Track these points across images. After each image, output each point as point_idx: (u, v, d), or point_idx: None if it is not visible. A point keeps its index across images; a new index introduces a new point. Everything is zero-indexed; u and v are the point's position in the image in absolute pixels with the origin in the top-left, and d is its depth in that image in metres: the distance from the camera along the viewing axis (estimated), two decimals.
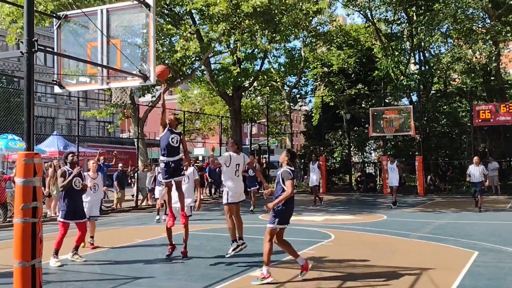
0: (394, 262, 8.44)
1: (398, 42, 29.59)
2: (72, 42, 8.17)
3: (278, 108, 37.38)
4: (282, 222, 7.32)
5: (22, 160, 5.37)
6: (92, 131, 46.21)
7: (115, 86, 7.86)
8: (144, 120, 22.85)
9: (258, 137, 52.24)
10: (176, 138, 8.68)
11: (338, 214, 16.58)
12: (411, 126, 25.46)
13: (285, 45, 30.54)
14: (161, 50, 19.17)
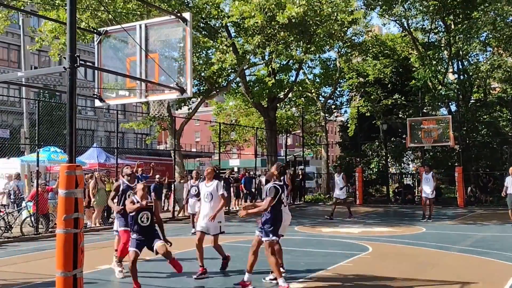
0: (434, 276, 8.23)
1: (436, 51, 29.09)
2: (112, 56, 8.38)
3: (313, 119, 37.25)
4: (276, 234, 7.53)
5: (64, 172, 5.51)
6: (130, 143, 47.08)
7: (153, 99, 8.01)
8: (180, 132, 23.15)
9: (293, 148, 52.19)
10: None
11: (376, 226, 16.32)
12: (450, 136, 24.89)
13: (320, 56, 30.51)
14: (197, 63, 19.44)
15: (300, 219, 18.68)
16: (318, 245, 11.96)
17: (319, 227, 15.94)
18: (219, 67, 18.53)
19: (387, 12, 29.00)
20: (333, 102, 36.93)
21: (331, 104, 36.50)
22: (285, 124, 35.32)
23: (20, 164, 18.81)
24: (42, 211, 14.73)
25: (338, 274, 8.46)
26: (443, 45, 29.39)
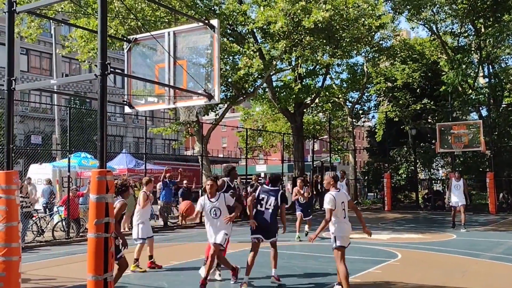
0: (463, 284, 8.08)
1: (465, 54, 28.62)
2: (140, 63, 8.52)
3: (340, 124, 37.05)
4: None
5: (95, 177, 5.62)
6: (158, 148, 47.65)
7: (181, 106, 8.10)
8: (207, 137, 23.30)
9: (320, 153, 51.90)
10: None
11: (405, 232, 16.09)
12: (481, 141, 24.38)
13: (347, 61, 30.34)
14: (224, 68, 19.58)
15: None
16: (347, 251, 11.84)
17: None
18: (245, 72, 18.60)
19: (415, 16, 28.69)
20: (360, 107, 36.68)
21: (358, 109, 36.25)
22: (312, 130, 35.20)
23: (52, 170, 19.26)
24: (73, 216, 15.00)
25: (366, 280, 8.38)
26: (473, 48, 28.90)
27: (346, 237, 7.30)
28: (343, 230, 7.27)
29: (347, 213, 7.35)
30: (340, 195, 7.25)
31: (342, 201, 7.22)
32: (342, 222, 7.23)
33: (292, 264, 10.11)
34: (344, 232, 7.28)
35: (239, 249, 12.48)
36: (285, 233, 8.81)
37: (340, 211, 7.16)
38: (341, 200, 7.22)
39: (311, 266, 9.82)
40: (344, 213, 7.25)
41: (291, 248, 12.66)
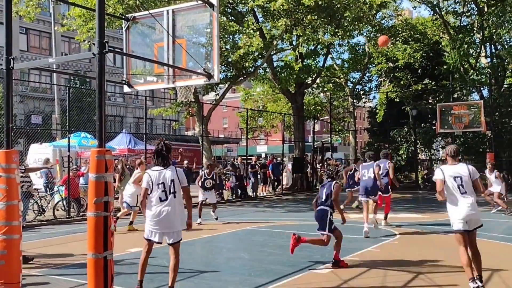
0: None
1: (467, 34, 28.38)
2: (139, 42, 8.46)
3: (341, 105, 36.95)
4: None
5: (94, 156, 5.62)
6: (158, 129, 47.65)
7: (180, 85, 8.07)
8: (208, 118, 23.28)
9: (321, 134, 51.92)
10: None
11: (404, 212, 16.19)
12: (482, 122, 24.34)
13: (348, 41, 30.12)
14: (224, 48, 19.44)
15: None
16: (345, 230, 11.88)
17: (346, 213, 15.85)
18: (245, 52, 18.49)
19: None
20: (361, 88, 36.53)
21: (359, 89, 36.11)
22: (312, 110, 35.13)
23: (52, 150, 19.26)
24: (74, 195, 15.09)
25: (365, 259, 8.45)
26: (476, 28, 28.65)
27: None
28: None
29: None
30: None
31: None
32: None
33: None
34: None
35: (241, 228, 12.58)
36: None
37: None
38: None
39: (310, 245, 9.86)
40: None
41: (293, 227, 12.74)
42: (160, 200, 6.06)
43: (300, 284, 6.85)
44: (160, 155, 6.16)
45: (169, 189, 6.06)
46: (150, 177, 6.12)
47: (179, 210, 6.13)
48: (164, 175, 6.09)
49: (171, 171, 6.13)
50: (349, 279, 7.06)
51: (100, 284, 5.51)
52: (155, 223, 6.07)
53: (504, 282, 6.81)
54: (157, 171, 6.15)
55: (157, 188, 6.07)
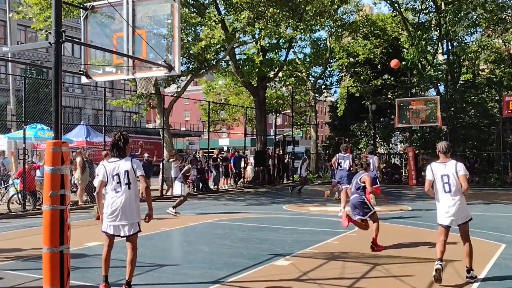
0: (418, 254, 8.37)
1: (425, 31, 29.07)
2: (98, 32, 8.27)
3: (303, 99, 37.26)
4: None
5: (50, 148, 5.48)
6: (118, 121, 46.88)
7: (140, 76, 7.93)
8: (169, 110, 23.04)
9: (282, 128, 52.21)
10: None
11: None
12: (438, 117, 25.03)
13: (310, 36, 30.35)
14: (185, 40, 19.26)
15: (288, 198, 18.81)
16: (306, 223, 12.08)
17: (307, 206, 16.08)
18: (207, 43, 18.37)
19: None
20: (323, 82, 36.92)
21: (321, 84, 36.49)
22: (275, 104, 35.29)
23: (7, 141, 18.68)
24: (29, 189, 14.68)
25: (324, 251, 8.57)
26: (433, 25, 29.36)
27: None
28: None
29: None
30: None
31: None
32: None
33: (253, 236, 10.23)
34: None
35: (202, 222, 12.54)
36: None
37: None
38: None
39: (271, 238, 9.96)
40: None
41: (254, 220, 12.79)
42: (115, 191, 5.97)
43: (261, 277, 6.89)
44: (116, 146, 6.06)
45: (123, 180, 5.96)
46: (105, 169, 6.03)
47: (134, 201, 6.01)
48: (119, 167, 5.99)
49: (126, 162, 6.02)
50: (309, 271, 7.14)
51: (56, 279, 5.39)
52: (110, 215, 5.96)
53: (458, 273, 7.03)
54: (112, 162, 6.05)
55: (112, 180, 5.98)
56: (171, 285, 6.54)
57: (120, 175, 5.97)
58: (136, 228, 6.04)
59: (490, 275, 6.88)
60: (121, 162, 6.01)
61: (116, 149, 6.06)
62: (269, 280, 6.70)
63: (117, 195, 5.96)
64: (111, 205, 5.96)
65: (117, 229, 5.99)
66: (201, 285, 6.49)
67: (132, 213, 5.98)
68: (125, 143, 6.08)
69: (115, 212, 5.94)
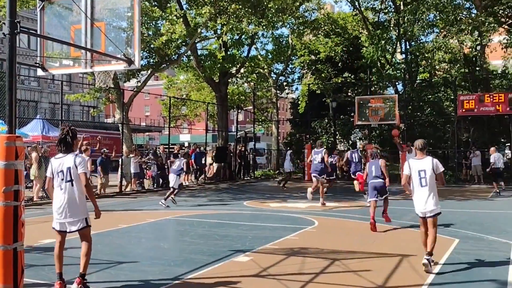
0: (376, 249, 8.54)
1: (385, 31, 29.64)
2: (55, 24, 8.05)
3: (264, 96, 37.36)
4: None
5: (3, 143, 5.31)
6: (76, 115, 45.83)
7: (99, 70, 7.76)
8: (129, 105, 22.68)
9: (244, 124, 52.22)
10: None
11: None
12: (396, 115, 25.60)
13: (272, 32, 30.45)
14: (146, 33, 18.98)
15: (249, 194, 18.86)
16: (266, 219, 12.14)
17: (268, 202, 16.16)
18: (168, 38, 18.16)
19: None
20: (284, 79, 37.11)
21: (282, 81, 36.67)
22: (236, 100, 35.26)
23: None
24: None
25: (283, 246, 8.62)
26: (392, 25, 29.96)
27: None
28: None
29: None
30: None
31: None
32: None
33: (213, 232, 10.21)
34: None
35: (161, 218, 12.41)
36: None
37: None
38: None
39: (231, 234, 9.96)
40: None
41: (215, 217, 12.75)
42: (59, 188, 5.85)
43: (220, 273, 6.88)
44: (63, 141, 5.90)
45: (66, 177, 5.83)
46: (52, 165, 5.92)
47: (78, 198, 5.87)
48: (63, 163, 5.86)
49: (70, 158, 5.87)
50: (268, 267, 7.18)
51: (10, 277, 5.25)
52: (56, 212, 5.88)
53: (413, 267, 7.21)
54: (58, 158, 5.92)
55: (57, 176, 5.87)
56: (129, 283, 6.44)
57: (64, 172, 5.83)
58: (83, 224, 5.93)
59: (444, 269, 7.09)
60: (66, 158, 5.88)
61: (64, 144, 5.90)
62: (229, 276, 6.70)
63: (61, 192, 5.83)
64: (57, 202, 5.86)
65: (64, 226, 5.90)
66: (160, 282, 6.43)
67: (77, 211, 5.87)
68: (73, 138, 5.94)
69: (60, 209, 5.84)
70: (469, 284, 6.36)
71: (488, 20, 23.99)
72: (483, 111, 24.39)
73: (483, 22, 23.80)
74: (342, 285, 6.32)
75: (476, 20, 24.11)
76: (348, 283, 6.39)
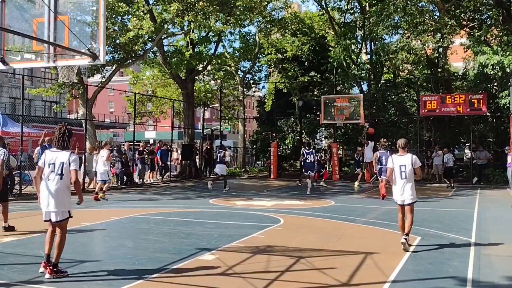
0: (340, 246, 8.64)
1: (350, 31, 29.98)
2: (17, 17, 7.85)
3: (231, 93, 37.28)
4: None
5: None
6: (37, 111, 44.68)
7: (62, 65, 7.60)
8: (92, 101, 22.26)
9: (210, 121, 52.03)
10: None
11: (288, 199, 16.79)
12: (361, 114, 25.98)
13: (240, 30, 30.41)
14: (112, 29, 18.66)
15: (215, 192, 18.80)
16: (232, 217, 12.13)
17: (233, 200, 16.14)
18: (135, 34, 17.90)
19: None
20: (251, 77, 37.11)
21: (249, 79, 36.67)
22: (203, 97, 35.06)
23: None
24: None
25: (249, 245, 8.63)
26: (358, 25, 30.35)
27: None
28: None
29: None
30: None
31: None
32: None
33: (178, 230, 10.12)
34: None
35: (125, 216, 12.23)
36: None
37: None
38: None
39: (197, 232, 9.90)
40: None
41: (180, 215, 12.66)
42: (48, 179, 6.43)
43: (186, 272, 6.83)
44: (60, 138, 6.54)
45: (57, 170, 6.41)
46: (45, 157, 6.54)
47: (64, 191, 6.47)
48: (57, 157, 6.47)
49: (64, 154, 6.48)
50: (234, 265, 7.17)
51: None
52: (42, 200, 6.45)
53: (376, 264, 7.32)
54: (53, 152, 6.58)
55: (48, 167, 6.45)
56: (92, 282, 6.32)
57: (55, 165, 6.43)
58: (63, 216, 6.50)
59: (406, 266, 7.23)
60: (61, 154, 6.49)
61: (61, 141, 6.54)
62: (194, 275, 6.66)
63: (49, 183, 6.41)
64: (43, 191, 6.44)
65: (48, 215, 6.49)
66: (124, 281, 6.32)
67: (61, 202, 6.44)
68: (69, 137, 6.62)
69: (46, 198, 6.41)
70: (431, 280, 6.51)
71: (450, 23, 24.57)
72: (444, 111, 25.01)
73: (445, 24, 24.36)
74: (307, 283, 6.37)
75: (439, 23, 24.66)
76: (313, 281, 6.44)
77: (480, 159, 24.16)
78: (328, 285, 6.28)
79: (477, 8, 27.48)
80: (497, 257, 7.99)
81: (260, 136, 35.31)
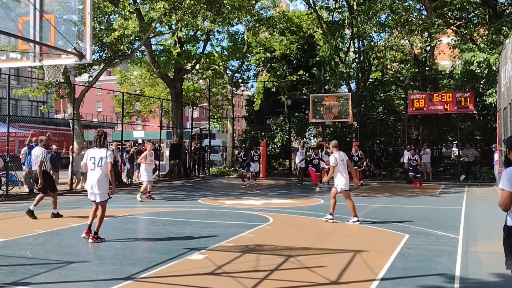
0: (329, 245, 8.66)
1: (338, 29, 30.06)
2: (2, 15, 7.77)
3: (220, 92, 37.21)
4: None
5: None
6: (24, 111, 44.30)
7: (48, 64, 7.52)
8: (80, 100, 22.09)
9: (199, 121, 51.95)
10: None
11: (277, 198, 16.80)
12: (349, 113, 26.06)
13: (228, 29, 30.37)
14: (98, 28, 18.52)
15: (204, 191, 18.75)
16: (221, 216, 12.10)
17: (223, 199, 16.11)
18: (121, 34, 17.78)
19: None
20: (240, 76, 37.10)
21: (238, 78, 36.65)
22: (191, 97, 34.96)
23: None
24: None
25: (239, 244, 8.61)
26: (346, 24, 30.45)
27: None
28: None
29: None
30: (341, 155, 11.15)
31: (342, 159, 11.12)
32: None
33: (167, 230, 10.08)
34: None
35: (113, 216, 12.14)
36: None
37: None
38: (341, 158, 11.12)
39: (186, 232, 9.87)
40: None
41: (169, 214, 12.60)
42: (91, 169, 8.61)
43: (175, 272, 6.79)
44: (98, 139, 8.72)
45: (97, 163, 8.55)
46: (88, 154, 8.77)
47: (102, 178, 8.56)
48: (97, 153, 8.65)
49: (102, 151, 8.64)
50: (223, 265, 7.15)
51: None
52: (88, 187, 8.72)
53: (365, 262, 7.35)
54: (94, 150, 8.73)
55: (90, 161, 8.64)
56: (80, 283, 6.26)
57: (95, 159, 8.58)
58: (101, 198, 8.63)
59: (395, 264, 7.26)
60: (100, 151, 8.65)
61: (98, 141, 8.72)
62: (183, 275, 6.62)
63: (92, 173, 8.60)
64: (89, 179, 8.68)
65: (92, 196, 8.68)
66: (112, 282, 6.27)
67: (101, 186, 8.57)
68: (105, 138, 8.83)
69: (90, 183, 8.61)
70: (419, 278, 6.54)
71: (437, 22, 24.74)
72: (432, 110, 25.18)
73: (433, 23, 24.52)
74: (297, 281, 6.36)
75: (426, 22, 24.82)
76: (303, 280, 6.44)
77: (468, 156, 24.39)
78: (317, 284, 6.28)
79: (464, 7, 27.73)
80: (484, 254, 8.05)
81: (249, 135, 35.25)
